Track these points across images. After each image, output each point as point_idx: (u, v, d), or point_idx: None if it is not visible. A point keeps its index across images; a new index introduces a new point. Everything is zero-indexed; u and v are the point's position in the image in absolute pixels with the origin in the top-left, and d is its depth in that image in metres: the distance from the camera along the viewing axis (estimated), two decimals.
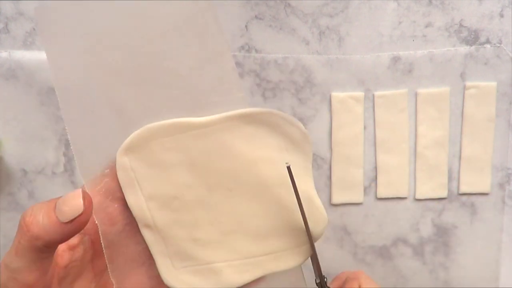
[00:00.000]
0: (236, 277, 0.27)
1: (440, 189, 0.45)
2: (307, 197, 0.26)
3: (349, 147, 0.44)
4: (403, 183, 0.45)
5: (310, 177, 0.27)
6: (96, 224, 0.25)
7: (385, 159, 0.45)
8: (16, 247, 0.22)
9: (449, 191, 0.45)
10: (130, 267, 0.26)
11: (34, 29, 0.43)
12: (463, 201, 0.46)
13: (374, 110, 0.44)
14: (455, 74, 0.44)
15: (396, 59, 0.43)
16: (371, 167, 0.45)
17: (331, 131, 0.44)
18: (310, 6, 0.43)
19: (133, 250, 0.27)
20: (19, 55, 0.42)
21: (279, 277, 0.28)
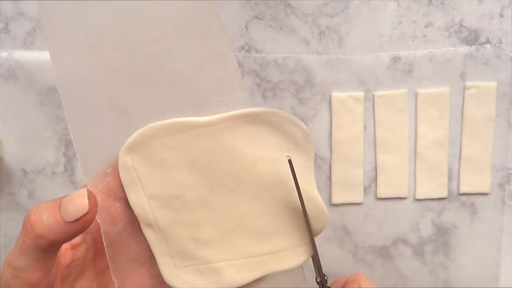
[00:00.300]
0: (237, 276, 0.27)
1: (440, 189, 0.45)
2: (309, 196, 0.26)
3: (349, 147, 0.44)
4: (403, 183, 0.45)
5: (311, 177, 0.27)
6: (98, 223, 0.25)
7: (385, 159, 0.45)
8: (20, 246, 0.22)
9: (449, 191, 0.45)
10: (131, 266, 0.26)
11: (34, 29, 0.42)
12: (463, 201, 0.46)
13: (374, 110, 0.44)
14: (455, 74, 0.44)
15: (396, 59, 0.43)
16: (371, 167, 0.45)
17: (331, 131, 0.44)
18: (310, 6, 0.43)
19: (135, 249, 0.27)
20: (19, 55, 0.42)
21: (280, 277, 0.28)
